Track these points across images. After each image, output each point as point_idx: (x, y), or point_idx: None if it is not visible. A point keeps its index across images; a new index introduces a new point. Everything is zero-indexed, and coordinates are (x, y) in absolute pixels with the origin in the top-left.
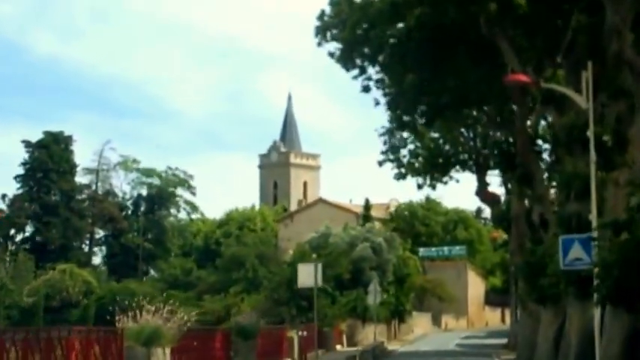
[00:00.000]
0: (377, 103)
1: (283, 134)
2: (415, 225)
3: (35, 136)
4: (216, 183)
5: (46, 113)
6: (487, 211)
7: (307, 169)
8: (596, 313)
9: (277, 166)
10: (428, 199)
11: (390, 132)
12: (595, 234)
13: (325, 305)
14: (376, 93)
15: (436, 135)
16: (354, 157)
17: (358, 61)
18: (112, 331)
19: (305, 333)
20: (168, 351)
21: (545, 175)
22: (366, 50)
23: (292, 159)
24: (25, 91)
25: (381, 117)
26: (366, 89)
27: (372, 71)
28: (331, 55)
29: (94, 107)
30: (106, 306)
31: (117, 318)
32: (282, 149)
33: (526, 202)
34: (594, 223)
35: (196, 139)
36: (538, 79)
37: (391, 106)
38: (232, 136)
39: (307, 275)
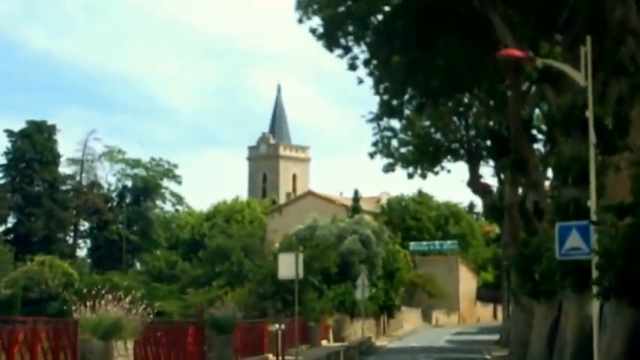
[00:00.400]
0: (360, 82)
1: (272, 126)
2: (406, 219)
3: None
4: (208, 178)
5: (39, 108)
6: (479, 206)
7: (297, 161)
8: (595, 307)
9: (266, 158)
10: (420, 192)
11: (378, 118)
12: (595, 219)
13: (312, 299)
14: (362, 72)
15: (427, 123)
16: (345, 152)
17: (342, 41)
18: (64, 322)
19: (283, 327)
20: (130, 344)
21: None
22: (350, 29)
23: (281, 151)
24: (17, 86)
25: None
26: (352, 67)
27: (358, 51)
28: (313, 32)
29: (85, 102)
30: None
31: (73, 308)
32: (272, 141)
33: (519, 191)
34: (593, 209)
35: (188, 135)
36: (533, 54)
37: (379, 90)
38: (224, 133)
39: (288, 266)
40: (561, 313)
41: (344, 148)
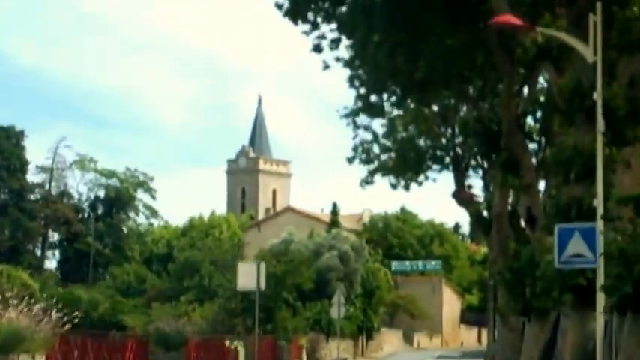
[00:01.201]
0: (326, 67)
1: (252, 139)
2: (389, 237)
3: None
4: (187, 194)
5: (23, 122)
6: (465, 227)
7: (277, 176)
8: (600, 324)
9: (245, 172)
10: (403, 210)
11: (354, 113)
12: (601, 224)
13: (285, 317)
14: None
15: (410, 127)
16: (328, 170)
17: (310, 15)
18: None
19: (236, 344)
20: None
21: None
22: (321, 4)
23: (261, 165)
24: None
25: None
26: (317, 49)
27: (327, 29)
28: (279, 7)
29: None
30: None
31: None
32: (251, 155)
33: (510, 199)
34: (600, 211)
35: (170, 151)
36: (532, 25)
37: (354, 82)
38: (206, 149)
39: (248, 276)
40: (558, 333)
41: (327, 165)
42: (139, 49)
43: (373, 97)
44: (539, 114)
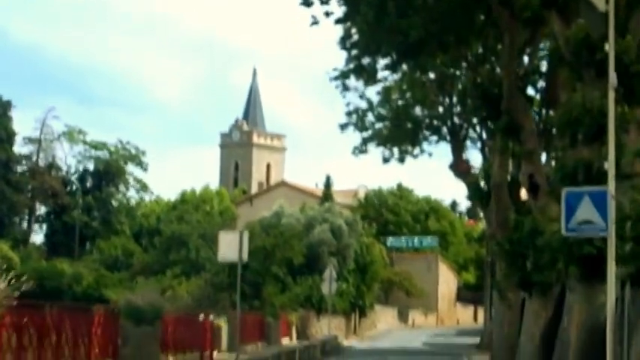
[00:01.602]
0: (315, 22)
1: (246, 112)
2: (384, 213)
3: None
4: (182, 169)
5: (21, 99)
6: (463, 205)
7: (271, 150)
8: (611, 298)
9: (239, 146)
10: (399, 186)
11: (343, 76)
12: (613, 188)
13: (273, 292)
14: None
15: (407, 95)
16: (324, 146)
17: None
18: None
19: (212, 318)
20: None
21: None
22: None
23: (255, 139)
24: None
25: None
26: (306, 3)
27: None
28: None
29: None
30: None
31: None
32: (245, 128)
33: (510, 166)
34: (612, 173)
35: (165, 129)
36: None
37: (345, 43)
38: (202, 127)
39: (230, 247)
40: (564, 310)
41: (322, 141)
42: (137, 28)
43: (365, 60)
44: (541, 84)
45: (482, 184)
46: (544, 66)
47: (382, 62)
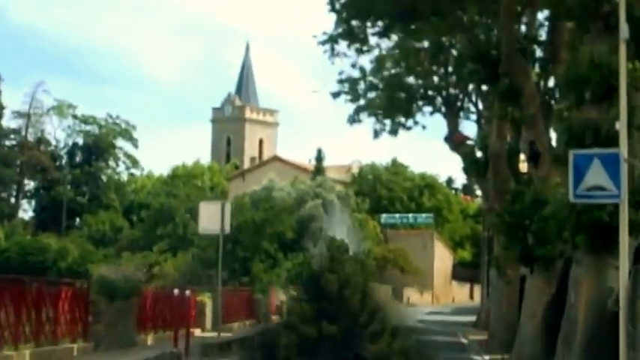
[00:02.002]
0: None
1: (239, 87)
2: (378, 188)
3: None
4: (173, 146)
5: (18, 76)
6: (459, 181)
7: (264, 125)
8: (623, 272)
9: (231, 120)
10: (394, 162)
11: (332, 39)
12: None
13: (262, 269)
14: None
15: (401, 65)
16: (316, 123)
17: None
18: None
19: (188, 294)
20: None
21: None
22: None
23: (248, 114)
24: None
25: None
26: None
27: None
28: None
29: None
30: (11, 261)
31: None
32: (237, 103)
33: (508, 137)
34: (624, 134)
35: (158, 105)
36: None
37: (334, 4)
38: (194, 104)
39: (211, 218)
40: (569, 285)
41: (317, 117)
42: (130, 6)
43: (355, 23)
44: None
45: (478, 154)
46: (542, 36)
47: (373, 30)
